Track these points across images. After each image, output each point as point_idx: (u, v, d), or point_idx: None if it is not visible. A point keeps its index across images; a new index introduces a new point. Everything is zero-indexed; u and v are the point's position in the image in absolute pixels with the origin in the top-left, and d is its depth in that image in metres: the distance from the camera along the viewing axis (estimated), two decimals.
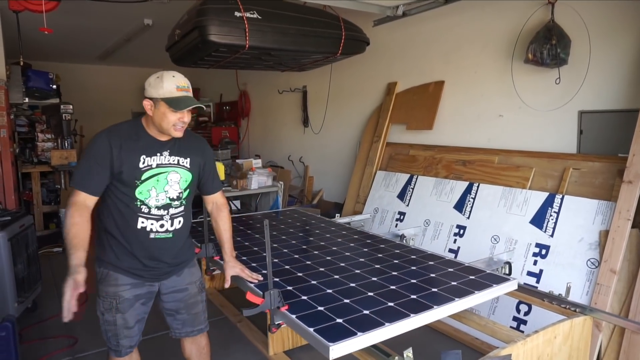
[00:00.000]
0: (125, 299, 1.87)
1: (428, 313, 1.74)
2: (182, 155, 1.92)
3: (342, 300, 1.85)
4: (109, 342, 1.92)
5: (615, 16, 2.82)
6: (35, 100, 5.98)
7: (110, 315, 1.87)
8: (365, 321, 1.66)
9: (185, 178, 1.93)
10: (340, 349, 1.50)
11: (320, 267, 2.29)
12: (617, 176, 2.70)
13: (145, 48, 7.48)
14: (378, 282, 2.06)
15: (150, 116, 1.83)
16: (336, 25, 3.83)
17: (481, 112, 3.68)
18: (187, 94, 1.82)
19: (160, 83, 1.78)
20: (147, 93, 1.83)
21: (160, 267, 1.93)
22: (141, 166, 1.82)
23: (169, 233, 1.91)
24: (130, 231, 1.85)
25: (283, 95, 6.19)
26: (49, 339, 3.14)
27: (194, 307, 2.07)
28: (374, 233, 3.08)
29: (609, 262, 2.54)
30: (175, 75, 1.82)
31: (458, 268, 2.25)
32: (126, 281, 1.88)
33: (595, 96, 2.94)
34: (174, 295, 2.01)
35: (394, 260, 2.39)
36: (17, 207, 4.76)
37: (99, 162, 1.78)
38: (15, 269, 3.12)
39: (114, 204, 1.86)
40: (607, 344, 2.52)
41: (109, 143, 1.79)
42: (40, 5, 3.58)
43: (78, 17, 5.40)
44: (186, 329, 2.08)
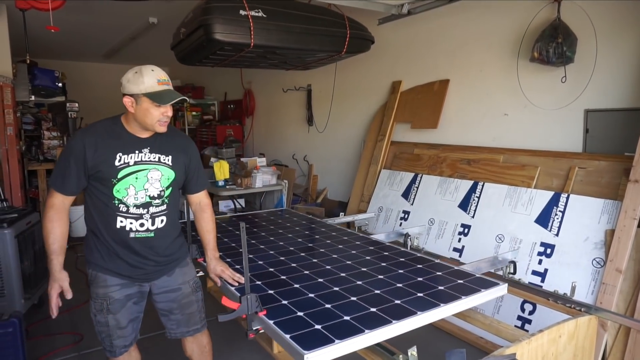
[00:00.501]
0: (115, 299, 1.86)
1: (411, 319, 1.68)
2: (164, 153, 1.88)
3: (324, 306, 1.78)
4: (103, 343, 1.92)
5: (622, 14, 2.80)
6: (42, 98, 6.01)
7: (102, 316, 1.86)
8: (344, 327, 1.59)
9: (167, 176, 1.88)
10: (315, 357, 1.43)
11: (305, 270, 2.22)
12: (623, 175, 2.69)
13: (151, 46, 7.50)
14: (362, 286, 1.99)
15: (132, 113, 1.79)
16: (341, 24, 3.82)
17: (486, 111, 3.67)
18: (169, 87, 1.79)
19: (140, 78, 1.74)
20: (125, 90, 1.78)
21: (145, 267, 1.90)
22: (117, 164, 1.78)
23: (150, 232, 1.87)
24: (111, 231, 1.83)
25: (287, 93, 6.19)
26: (54, 335, 3.17)
27: (188, 307, 2.03)
28: (363, 234, 2.99)
29: (615, 261, 2.53)
30: (154, 69, 1.78)
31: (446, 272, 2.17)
32: (115, 282, 1.87)
33: (602, 95, 2.92)
34: (166, 295, 1.99)
35: (381, 263, 2.31)
36: (23, 204, 4.79)
37: (73, 163, 1.76)
38: (22, 265, 3.15)
39: (94, 203, 1.84)
40: (613, 344, 2.51)
41: (83, 143, 1.76)
42: (47, 3, 3.60)
43: (84, 15, 5.43)
44: (181, 329, 2.05)
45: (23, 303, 3.13)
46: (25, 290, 3.18)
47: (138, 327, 1.98)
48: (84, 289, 4.11)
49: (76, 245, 5.31)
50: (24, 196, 4.99)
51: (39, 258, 3.55)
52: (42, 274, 3.59)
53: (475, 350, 2.88)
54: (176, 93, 1.79)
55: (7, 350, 2.45)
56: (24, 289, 3.16)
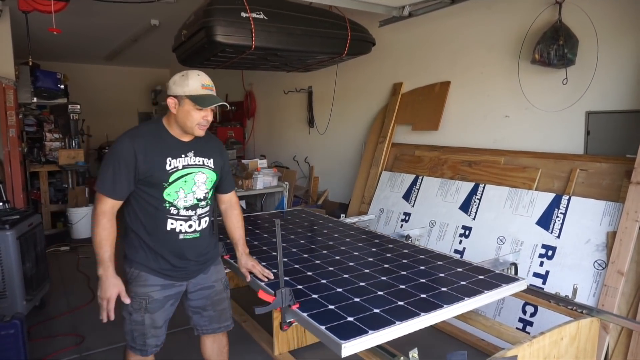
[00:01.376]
0: (155, 299, 1.89)
1: (438, 312, 1.75)
2: (206, 156, 1.94)
3: (352, 299, 1.86)
4: (134, 342, 1.93)
5: (624, 16, 2.80)
6: (44, 100, 6.03)
7: (138, 315, 1.88)
8: (375, 319, 1.67)
9: (211, 178, 1.96)
10: (352, 346, 1.51)
11: (330, 267, 2.30)
12: (625, 177, 2.68)
13: (152, 48, 7.53)
14: (387, 282, 2.07)
15: (174, 114, 1.83)
16: (342, 26, 3.83)
17: (487, 113, 3.67)
18: (212, 93, 1.84)
19: (186, 81, 1.79)
20: (171, 91, 1.82)
21: (188, 266, 1.95)
22: (168, 168, 1.83)
23: (197, 233, 1.93)
24: (160, 233, 1.87)
25: (289, 95, 6.20)
26: (56, 336, 3.17)
27: (220, 303, 2.09)
28: (381, 233, 3.08)
29: (617, 263, 2.53)
30: (200, 74, 1.83)
31: (466, 268, 2.26)
32: (156, 282, 1.90)
33: (603, 97, 2.92)
34: (201, 292, 2.04)
35: (402, 260, 2.40)
36: (25, 206, 4.80)
37: (124, 167, 1.77)
38: (23, 267, 3.15)
39: (141, 207, 1.86)
40: (615, 346, 2.50)
41: (133, 148, 1.78)
42: (49, 5, 3.62)
43: (86, 18, 5.45)
44: (213, 325, 2.10)
45: (25, 305, 3.13)
46: (26, 291, 3.18)
47: (167, 328, 2.02)
48: (86, 291, 4.13)
49: (77, 247, 5.32)
50: (25, 198, 5.00)
51: (40, 260, 3.56)
52: (43, 276, 3.60)
53: (476, 352, 2.88)
54: (217, 98, 1.84)
55: (8, 352, 2.45)
56: (25, 291, 3.16)
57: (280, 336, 2.81)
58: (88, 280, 4.23)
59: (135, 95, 10.45)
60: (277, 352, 2.82)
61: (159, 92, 9.71)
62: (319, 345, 2.93)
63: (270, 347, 2.88)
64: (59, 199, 6.14)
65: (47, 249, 3.99)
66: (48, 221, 5.78)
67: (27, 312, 3.17)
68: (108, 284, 1.79)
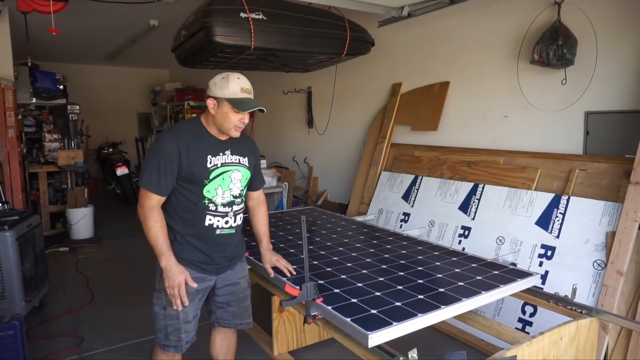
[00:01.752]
0: (188, 292, 1.91)
1: (457, 305, 1.82)
2: (242, 155, 2.00)
3: (373, 293, 1.93)
4: (167, 339, 1.94)
5: (623, 16, 2.81)
6: (43, 100, 6.04)
7: (173, 308, 1.90)
8: (398, 312, 1.74)
9: (246, 176, 2.02)
10: (378, 337, 1.58)
11: (347, 263, 2.37)
12: (624, 177, 2.69)
13: (151, 49, 7.53)
14: (405, 277, 2.14)
15: (212, 115, 1.88)
16: (341, 26, 3.83)
17: (486, 113, 3.67)
18: (250, 96, 1.87)
19: (226, 83, 1.82)
20: (211, 92, 1.87)
21: (221, 261, 2.01)
22: (209, 166, 1.88)
23: (232, 229, 2.00)
24: (198, 228, 1.92)
25: (288, 96, 6.20)
26: (55, 337, 3.17)
27: (243, 300, 2.15)
28: (394, 231, 3.16)
29: (616, 263, 2.53)
30: (240, 77, 1.86)
31: (481, 264, 2.33)
32: (190, 274, 1.92)
33: (602, 97, 2.93)
34: (228, 288, 2.09)
35: (417, 256, 2.48)
36: (24, 206, 4.80)
37: (168, 164, 1.82)
38: (22, 268, 3.15)
39: (180, 202, 1.91)
40: (614, 346, 2.50)
41: (177, 145, 1.83)
42: (48, 6, 3.62)
43: (85, 18, 5.45)
44: (235, 320, 2.14)
45: (24, 305, 3.13)
46: (25, 292, 3.18)
47: (197, 325, 2.04)
48: (85, 292, 4.13)
49: (77, 247, 5.32)
50: (24, 198, 5.00)
51: (40, 260, 3.55)
52: (42, 277, 3.60)
53: (476, 352, 2.88)
54: (256, 102, 1.87)
55: (8, 353, 2.44)
56: (24, 292, 3.16)
57: (279, 336, 2.80)
58: (87, 281, 4.23)
59: (135, 95, 10.45)
60: (277, 352, 2.82)
61: (158, 93, 9.70)
62: (318, 346, 2.94)
63: (269, 348, 2.88)
64: (58, 200, 6.13)
65: (46, 250, 3.99)
66: (47, 222, 5.77)
67: (26, 313, 3.17)
68: (174, 271, 1.84)
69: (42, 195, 5.81)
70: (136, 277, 4.38)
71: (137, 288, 4.07)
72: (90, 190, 6.43)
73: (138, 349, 2.99)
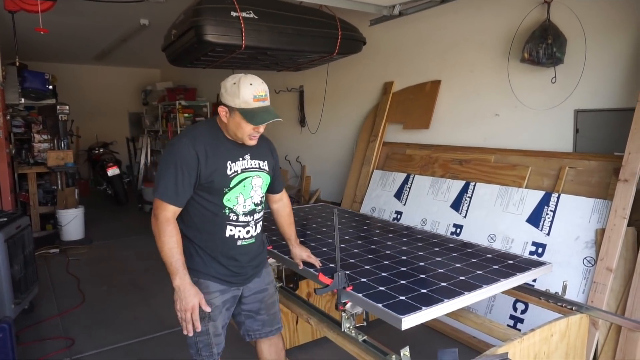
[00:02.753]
0: (215, 306, 1.84)
1: (479, 291, 1.91)
2: (261, 159, 1.89)
3: (398, 282, 2.01)
4: (199, 354, 1.86)
5: (611, 15, 2.83)
6: (32, 100, 5.97)
7: (203, 325, 1.80)
8: (425, 298, 1.82)
9: (266, 182, 1.91)
10: (410, 320, 1.66)
11: (369, 255, 2.44)
12: (613, 175, 2.71)
13: (142, 48, 7.47)
14: (425, 267, 2.23)
15: (225, 123, 1.75)
16: (332, 25, 3.83)
17: (477, 111, 3.69)
18: (265, 104, 1.71)
19: (237, 91, 1.67)
20: (222, 98, 1.73)
21: (245, 271, 1.92)
22: (229, 173, 1.76)
23: (252, 238, 1.89)
24: (217, 239, 1.81)
25: (280, 95, 6.18)
26: (45, 340, 3.14)
27: (272, 307, 2.08)
28: (407, 225, 3.24)
29: (605, 260, 2.55)
30: (253, 82, 1.69)
31: (496, 254, 2.43)
32: (216, 288, 1.84)
33: (591, 95, 2.95)
34: (256, 296, 2.01)
35: (434, 248, 2.57)
36: (13, 208, 4.74)
37: (186, 172, 1.69)
38: (11, 270, 3.12)
39: (198, 212, 1.79)
40: (604, 342, 2.53)
41: (195, 151, 1.69)
42: (36, 5, 3.58)
43: (74, 17, 5.39)
44: (266, 329, 2.06)
45: (13, 308, 3.10)
46: (15, 295, 3.15)
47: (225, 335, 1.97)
48: (75, 294, 4.09)
49: (67, 249, 5.27)
50: (14, 200, 4.94)
51: (29, 262, 3.51)
52: (32, 279, 3.56)
53: (467, 349, 2.89)
54: (270, 113, 1.71)
55: None
56: (14, 294, 3.12)
57: None
58: (78, 283, 4.19)
59: (125, 95, 10.37)
60: None
61: (149, 92, 9.63)
62: (310, 345, 2.93)
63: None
64: (48, 201, 6.07)
65: (36, 252, 3.95)
66: (37, 223, 5.71)
67: (16, 316, 3.13)
68: (188, 293, 1.70)
69: (31, 196, 5.75)
70: (128, 278, 4.35)
71: (128, 289, 4.04)
72: (80, 191, 6.38)
73: (130, 351, 2.97)
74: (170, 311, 2.03)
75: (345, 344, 1.96)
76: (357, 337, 1.88)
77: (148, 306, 3.64)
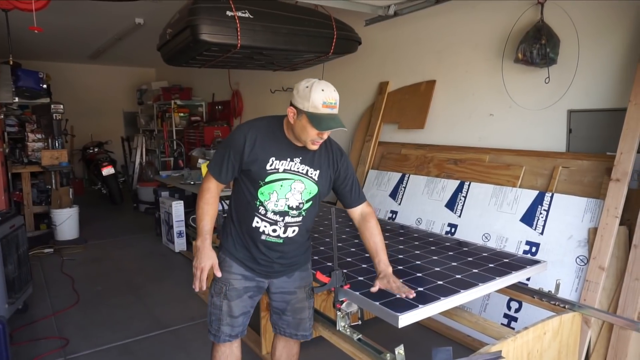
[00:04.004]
0: (234, 287, 1.92)
1: (475, 289, 1.94)
2: (313, 166, 1.86)
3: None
4: (210, 325, 1.97)
5: (604, 16, 2.86)
6: (25, 99, 5.93)
7: (218, 299, 1.92)
8: (421, 296, 1.84)
9: (310, 190, 1.86)
10: (407, 318, 1.69)
11: (365, 254, 2.40)
12: (606, 174, 2.74)
13: (137, 47, 7.45)
14: (422, 265, 2.27)
15: (292, 124, 1.78)
16: (328, 25, 3.83)
17: (472, 111, 3.71)
18: (333, 112, 1.73)
19: (308, 95, 1.69)
20: (293, 100, 1.76)
21: (270, 265, 1.93)
22: (267, 168, 1.80)
23: (280, 239, 1.88)
24: (246, 227, 1.89)
25: (275, 94, 6.18)
26: (40, 340, 3.12)
27: (300, 312, 2.04)
28: (403, 224, 3.29)
29: (598, 259, 2.58)
30: (325, 89, 1.71)
31: (491, 253, 2.48)
32: (238, 270, 1.92)
33: (584, 95, 2.98)
34: (282, 295, 2.02)
35: (431, 247, 2.61)
36: (7, 207, 4.72)
37: (232, 154, 1.82)
38: (5, 269, 3.10)
39: (238, 196, 1.92)
40: (596, 340, 2.55)
41: (245, 137, 1.81)
42: (30, 3, 3.55)
43: (68, 16, 5.37)
44: (290, 330, 2.08)
45: (7, 308, 3.08)
46: (9, 294, 3.13)
47: (247, 322, 2.01)
48: (70, 294, 4.07)
49: (61, 249, 5.25)
50: (7, 199, 4.91)
51: (23, 262, 3.50)
52: (26, 278, 3.54)
53: (461, 348, 2.91)
54: (336, 121, 1.73)
55: None
56: (7, 294, 3.10)
57: (267, 335, 2.80)
58: (72, 282, 4.18)
59: (120, 94, 10.33)
60: (265, 351, 2.82)
61: (145, 92, 9.60)
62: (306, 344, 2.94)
63: (257, 347, 2.88)
64: (42, 200, 6.03)
65: (30, 251, 3.93)
66: (31, 223, 5.68)
67: (10, 316, 3.12)
68: (204, 255, 1.84)
69: (25, 195, 5.72)
70: (122, 277, 4.33)
71: (123, 289, 4.03)
72: (75, 190, 6.35)
73: (125, 350, 2.96)
74: (165, 311, 2.04)
75: (340, 343, 1.97)
76: (352, 335, 1.89)
77: (143, 306, 3.64)
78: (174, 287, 4.01)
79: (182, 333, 3.16)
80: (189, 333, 3.16)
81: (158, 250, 5.25)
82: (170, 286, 4.04)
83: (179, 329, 3.22)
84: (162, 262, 4.81)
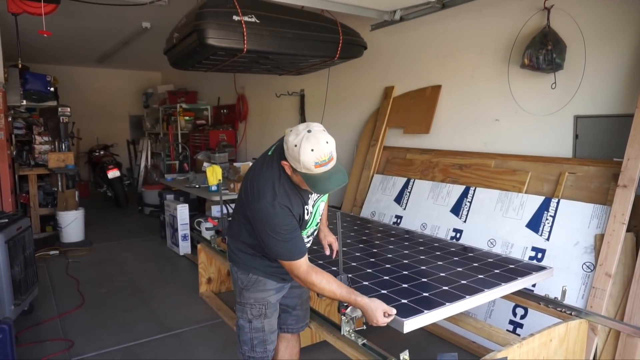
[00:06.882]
0: (271, 304, 1.94)
1: (480, 295, 1.94)
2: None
3: (401, 285, 2.05)
4: (253, 351, 1.94)
5: (610, 21, 2.85)
6: (33, 102, 5.99)
7: (259, 322, 1.91)
8: (426, 302, 1.85)
9: (326, 202, 2.05)
10: (412, 323, 1.69)
11: (370, 258, 2.47)
12: (612, 180, 2.72)
13: (144, 51, 7.50)
14: (428, 270, 2.27)
15: (290, 175, 1.72)
16: (334, 30, 3.85)
17: (478, 116, 3.70)
18: (327, 168, 1.60)
19: (297, 156, 1.57)
20: (286, 156, 1.66)
21: None
22: (306, 217, 1.85)
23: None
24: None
25: (281, 98, 6.20)
26: (45, 341, 3.14)
27: (306, 302, 2.18)
28: (408, 229, 3.29)
29: (604, 265, 2.56)
30: (315, 147, 1.55)
31: (497, 258, 2.48)
32: (273, 286, 1.94)
33: (591, 101, 2.97)
34: (294, 291, 2.08)
35: (436, 252, 2.60)
36: (14, 209, 4.75)
37: (297, 229, 1.76)
38: (12, 271, 3.12)
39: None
40: (603, 347, 2.53)
41: (290, 210, 1.72)
42: (39, 8, 3.59)
43: (77, 20, 5.42)
44: (299, 324, 2.15)
45: (13, 309, 3.10)
46: (15, 296, 3.15)
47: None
48: (75, 296, 4.09)
49: (67, 251, 5.27)
50: (14, 201, 4.95)
51: (29, 264, 3.52)
52: (32, 280, 3.56)
53: (467, 354, 2.89)
54: (333, 180, 1.62)
55: None
56: (14, 295, 3.12)
57: None
58: (78, 285, 4.19)
59: (126, 98, 10.40)
60: None
61: (150, 95, 9.66)
62: (311, 348, 2.93)
63: None
64: (48, 203, 6.07)
65: (36, 253, 3.95)
66: (37, 225, 5.72)
67: (16, 317, 3.13)
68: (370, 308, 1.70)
69: (32, 198, 5.76)
70: (127, 280, 4.35)
71: (128, 291, 4.04)
72: (81, 193, 6.38)
73: (129, 353, 2.97)
74: (170, 314, 2.04)
75: (344, 348, 1.96)
76: (357, 340, 1.89)
77: (147, 308, 3.64)
78: (178, 290, 4.01)
79: (186, 336, 3.16)
80: (193, 336, 3.16)
81: (162, 253, 5.26)
82: (174, 289, 4.05)
83: (183, 333, 3.22)
84: (167, 265, 4.82)
